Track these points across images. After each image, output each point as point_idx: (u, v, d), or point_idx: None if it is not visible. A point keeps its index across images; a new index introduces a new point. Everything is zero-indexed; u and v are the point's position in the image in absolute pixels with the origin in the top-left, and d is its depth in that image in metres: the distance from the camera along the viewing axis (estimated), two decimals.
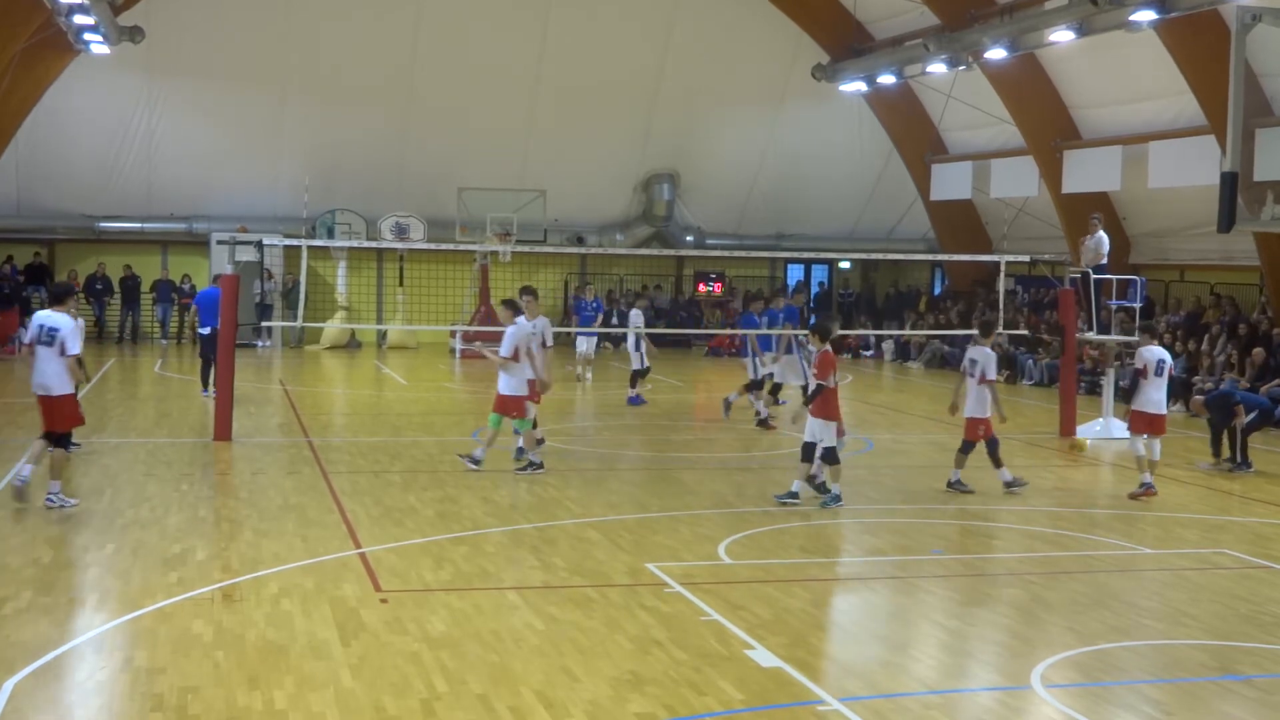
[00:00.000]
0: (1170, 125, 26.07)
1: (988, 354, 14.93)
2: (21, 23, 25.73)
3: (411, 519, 12.68)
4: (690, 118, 34.38)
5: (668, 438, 19.51)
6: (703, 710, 7.55)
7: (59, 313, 12.94)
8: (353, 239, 31.66)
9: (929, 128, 33.89)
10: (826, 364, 13.60)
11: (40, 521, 12.15)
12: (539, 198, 32.50)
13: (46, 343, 12.70)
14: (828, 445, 13.55)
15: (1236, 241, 24.63)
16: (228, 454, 16.42)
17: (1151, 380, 14.87)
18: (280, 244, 23.09)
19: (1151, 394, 14.90)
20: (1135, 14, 22.33)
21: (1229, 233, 16.13)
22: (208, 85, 31.78)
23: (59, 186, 32.46)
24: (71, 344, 12.69)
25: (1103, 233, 20.46)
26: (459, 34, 31.58)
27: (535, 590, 10.14)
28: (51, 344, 12.68)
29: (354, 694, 7.68)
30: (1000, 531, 12.99)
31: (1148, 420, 14.89)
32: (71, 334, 12.72)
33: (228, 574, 10.39)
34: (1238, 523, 13.71)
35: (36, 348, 12.74)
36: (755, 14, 32.83)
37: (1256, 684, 8.31)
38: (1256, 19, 15.21)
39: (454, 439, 17.97)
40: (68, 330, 12.73)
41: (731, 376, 28.97)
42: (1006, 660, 8.87)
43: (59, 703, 7.61)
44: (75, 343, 12.73)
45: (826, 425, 13.54)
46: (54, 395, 12.76)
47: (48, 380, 12.73)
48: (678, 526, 12.61)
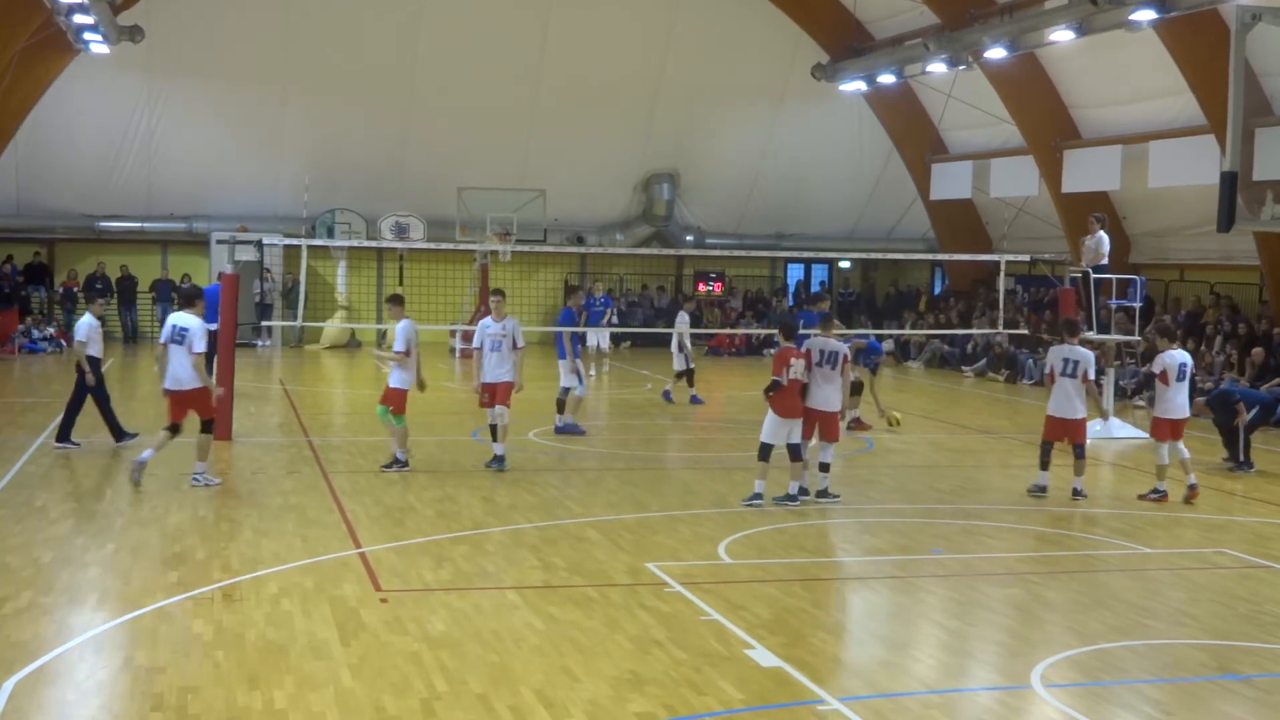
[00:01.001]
0: (1170, 125, 26.06)
1: (1085, 353, 14.47)
2: (21, 23, 25.72)
3: (411, 518, 12.68)
4: (690, 117, 34.36)
5: (668, 437, 19.52)
6: (703, 710, 7.55)
7: (189, 314, 14.21)
8: (353, 239, 31.67)
9: (929, 127, 33.89)
10: (780, 360, 13.47)
11: (40, 521, 12.16)
12: (539, 197, 32.49)
13: (178, 341, 13.96)
14: (792, 443, 13.52)
15: (1236, 241, 24.63)
16: (228, 454, 16.41)
17: (1173, 385, 14.63)
18: (280, 243, 23.12)
19: (1175, 399, 14.64)
20: (1135, 14, 22.31)
21: (1229, 232, 16.12)
22: (208, 85, 31.76)
23: (59, 186, 32.44)
24: (198, 344, 13.93)
25: (1103, 233, 20.45)
26: (459, 34, 31.57)
27: (535, 590, 10.14)
28: (182, 343, 13.93)
29: (354, 694, 7.68)
30: (1000, 531, 12.99)
31: (1171, 426, 14.62)
32: (199, 334, 13.97)
33: (228, 574, 10.39)
34: (1238, 523, 13.71)
35: (169, 346, 14.00)
36: (755, 13, 32.82)
37: (1256, 684, 8.31)
38: (1256, 18, 15.20)
39: (454, 438, 17.98)
40: (196, 331, 13.96)
41: (732, 376, 28.99)
42: (1006, 660, 8.87)
43: (59, 702, 7.61)
44: (200, 343, 13.99)
45: (782, 423, 13.46)
46: (185, 390, 13.96)
47: (180, 376, 13.94)
48: (678, 526, 12.61)
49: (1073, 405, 14.35)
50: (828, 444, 13.92)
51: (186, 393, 13.98)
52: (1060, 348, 14.57)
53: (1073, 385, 14.31)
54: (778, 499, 13.69)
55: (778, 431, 13.47)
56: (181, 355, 13.91)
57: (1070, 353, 14.40)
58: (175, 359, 13.94)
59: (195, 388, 14.00)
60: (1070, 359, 14.34)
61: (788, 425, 13.47)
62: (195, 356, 13.89)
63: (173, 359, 13.96)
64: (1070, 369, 14.30)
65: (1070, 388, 14.32)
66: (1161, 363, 14.76)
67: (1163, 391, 14.75)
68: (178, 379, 13.95)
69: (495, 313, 15.63)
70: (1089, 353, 14.60)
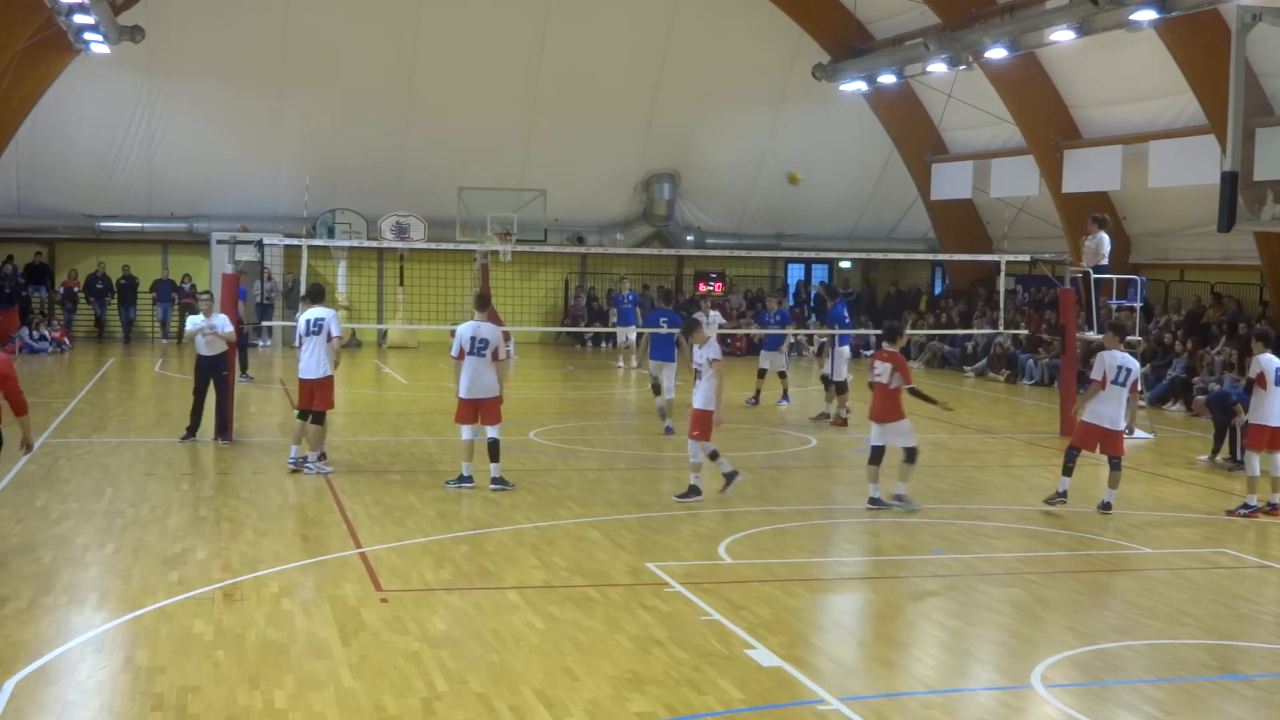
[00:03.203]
0: (1170, 125, 26.06)
1: (1135, 361, 13.90)
2: (21, 23, 25.70)
3: (412, 518, 12.68)
4: (690, 117, 34.35)
5: (668, 438, 19.51)
6: (703, 710, 7.55)
7: (320, 307, 15.27)
8: (353, 238, 31.64)
9: (929, 127, 33.87)
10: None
11: (40, 521, 12.16)
12: (539, 197, 32.48)
13: (315, 332, 14.98)
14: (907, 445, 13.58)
15: (1236, 241, 24.63)
16: (228, 453, 16.42)
17: (1271, 390, 13.74)
18: (281, 243, 23.11)
19: (1275, 404, 13.75)
20: (1135, 14, 22.32)
21: (1229, 232, 16.12)
22: (208, 85, 31.75)
23: (59, 186, 32.44)
24: (334, 329, 15.02)
25: (1104, 233, 20.45)
26: (459, 33, 31.56)
27: (535, 590, 10.14)
28: (319, 333, 14.94)
29: (354, 693, 7.68)
30: (1000, 531, 12.99)
31: (1270, 435, 13.81)
32: (334, 320, 15.04)
33: (228, 573, 10.40)
34: (1238, 523, 13.70)
35: (305, 339, 15.01)
36: (755, 14, 32.80)
37: (1256, 684, 8.32)
38: (1257, 18, 15.20)
39: (454, 438, 17.95)
40: (330, 318, 15.06)
41: (733, 375, 28.94)
42: (1007, 660, 8.87)
43: (59, 702, 7.61)
44: (336, 327, 15.06)
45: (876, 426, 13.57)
46: (315, 378, 14.94)
47: (314, 364, 14.95)
48: (678, 526, 12.61)
49: (1117, 415, 13.61)
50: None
51: (316, 381, 14.92)
52: (1113, 353, 13.66)
53: (1121, 394, 13.62)
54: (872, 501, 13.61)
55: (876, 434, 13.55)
56: (319, 344, 14.91)
57: (1125, 360, 13.67)
58: (310, 349, 14.95)
59: (325, 375, 14.97)
60: (1125, 366, 13.61)
61: (881, 429, 13.51)
62: (335, 342, 15.00)
63: (307, 349, 14.97)
64: (1123, 377, 13.59)
65: (1119, 396, 13.61)
66: (1258, 365, 13.89)
67: (1261, 396, 13.85)
68: (317, 368, 14.95)
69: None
70: (1136, 361, 14.08)
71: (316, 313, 15.18)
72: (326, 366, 14.99)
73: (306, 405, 15.07)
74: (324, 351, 14.95)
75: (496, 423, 14.29)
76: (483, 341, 14.15)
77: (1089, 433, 13.71)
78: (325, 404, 15.09)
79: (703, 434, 13.67)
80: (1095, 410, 13.65)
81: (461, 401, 14.25)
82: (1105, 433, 13.61)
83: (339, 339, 15.09)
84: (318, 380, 14.97)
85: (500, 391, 14.42)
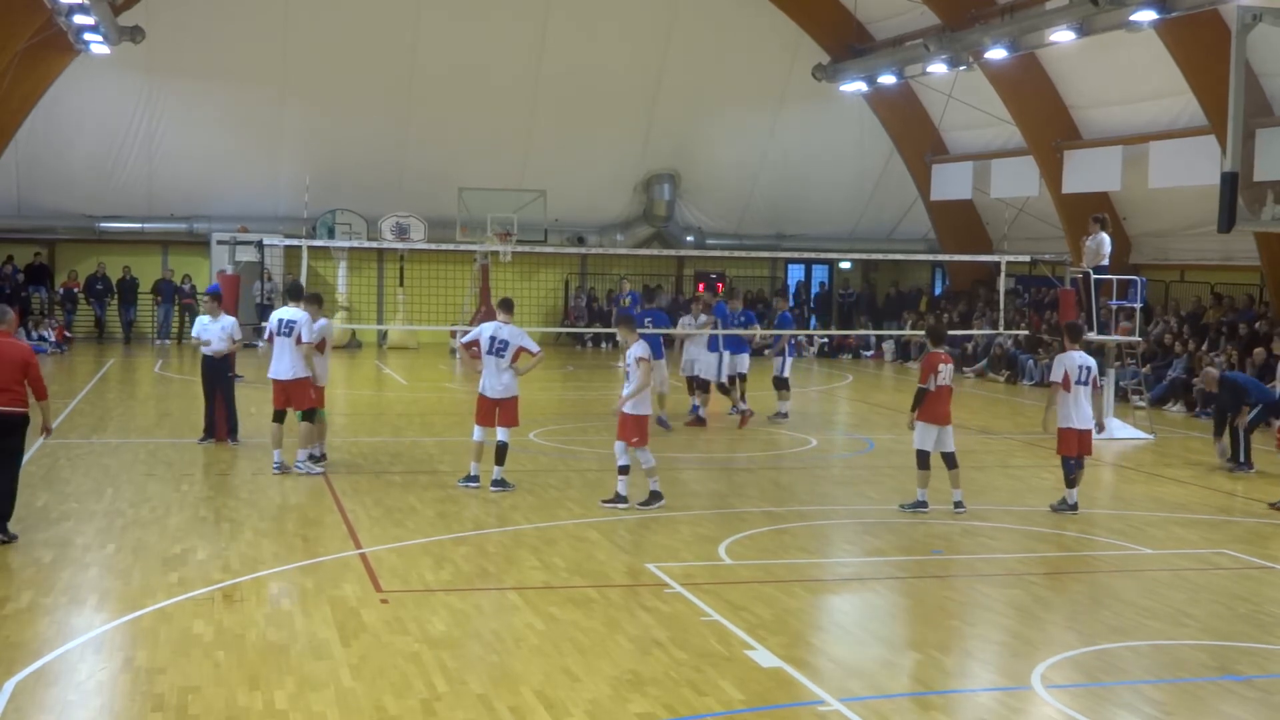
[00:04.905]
0: (1170, 125, 26.07)
1: (1091, 358, 14.03)
2: (21, 23, 25.72)
3: (412, 519, 12.68)
4: (690, 118, 34.36)
5: (667, 438, 19.49)
6: (703, 710, 7.55)
7: (294, 308, 15.00)
8: (353, 239, 31.65)
9: (929, 128, 33.89)
10: (928, 366, 13.42)
11: (40, 521, 12.15)
12: (539, 198, 32.49)
13: (285, 334, 14.77)
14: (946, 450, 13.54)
15: (1236, 241, 24.63)
16: (228, 454, 16.42)
17: None
18: (280, 244, 23.11)
19: None
20: (1135, 14, 22.33)
21: (1229, 232, 16.13)
22: (208, 85, 31.76)
23: (59, 186, 32.45)
24: (305, 335, 14.70)
25: (1104, 234, 20.46)
26: (459, 34, 31.57)
27: (535, 590, 10.14)
28: (290, 335, 14.74)
29: (354, 694, 7.68)
30: (1000, 531, 12.98)
31: None
32: (305, 324, 14.73)
33: (228, 574, 10.39)
34: (1238, 523, 13.70)
35: (276, 338, 14.84)
36: (755, 14, 32.82)
37: (1256, 684, 8.32)
38: (1257, 19, 15.23)
39: (455, 439, 17.96)
40: (303, 321, 14.76)
41: None
42: (1007, 660, 8.87)
43: (59, 703, 7.61)
44: (308, 333, 14.72)
45: (929, 429, 13.50)
46: (288, 379, 14.80)
47: (286, 366, 14.78)
48: (678, 526, 12.61)
49: (1087, 414, 13.76)
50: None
51: (289, 382, 14.78)
52: (1071, 354, 13.77)
53: (1086, 392, 13.73)
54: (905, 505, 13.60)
55: (926, 437, 13.44)
56: (290, 346, 14.72)
57: (1084, 359, 13.79)
58: (283, 350, 14.79)
59: (298, 377, 14.76)
60: (1084, 365, 13.71)
61: (935, 431, 13.43)
62: (304, 346, 14.69)
63: (281, 350, 14.81)
64: (1085, 376, 13.67)
65: (1085, 395, 13.72)
66: None
67: None
68: (289, 369, 14.77)
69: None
70: (1093, 359, 14.19)
71: (289, 313, 14.95)
72: (300, 368, 14.79)
73: (282, 406, 14.94)
74: (295, 353, 14.76)
75: (512, 425, 14.31)
76: (502, 343, 14.12)
77: (1068, 438, 13.75)
78: (303, 404, 14.88)
79: (642, 439, 13.24)
80: (1066, 414, 13.73)
81: (481, 398, 14.22)
82: (1080, 434, 13.73)
83: (309, 345, 14.72)
84: (290, 381, 14.80)
85: (518, 390, 14.30)
